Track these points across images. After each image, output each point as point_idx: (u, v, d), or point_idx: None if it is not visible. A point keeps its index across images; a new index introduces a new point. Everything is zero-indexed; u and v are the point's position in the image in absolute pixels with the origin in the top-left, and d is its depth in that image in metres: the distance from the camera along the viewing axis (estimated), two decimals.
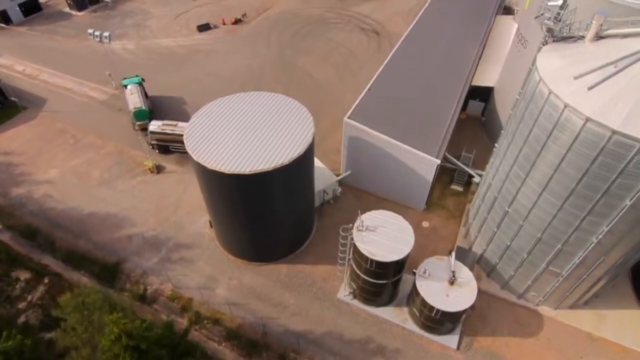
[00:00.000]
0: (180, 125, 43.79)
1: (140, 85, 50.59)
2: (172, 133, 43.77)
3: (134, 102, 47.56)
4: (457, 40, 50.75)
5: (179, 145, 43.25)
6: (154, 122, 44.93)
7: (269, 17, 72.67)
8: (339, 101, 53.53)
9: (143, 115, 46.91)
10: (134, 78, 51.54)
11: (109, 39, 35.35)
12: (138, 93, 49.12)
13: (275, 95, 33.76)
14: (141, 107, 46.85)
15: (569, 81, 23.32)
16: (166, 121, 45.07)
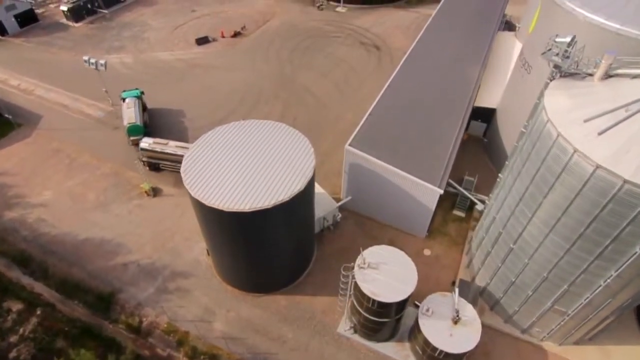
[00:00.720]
0: (170, 144, 43.45)
1: (139, 99, 50.10)
2: (161, 151, 43.42)
3: (128, 117, 47.08)
4: (458, 60, 50.13)
5: (169, 163, 43.79)
6: (145, 139, 44.45)
7: (269, 30, 71.97)
8: (340, 120, 52.91)
9: (137, 130, 46.29)
10: (134, 91, 51.09)
11: (104, 67, 34.43)
12: (135, 107, 48.58)
13: (275, 124, 33.01)
14: (135, 123, 46.21)
15: (579, 124, 22.69)
16: (157, 139, 44.59)
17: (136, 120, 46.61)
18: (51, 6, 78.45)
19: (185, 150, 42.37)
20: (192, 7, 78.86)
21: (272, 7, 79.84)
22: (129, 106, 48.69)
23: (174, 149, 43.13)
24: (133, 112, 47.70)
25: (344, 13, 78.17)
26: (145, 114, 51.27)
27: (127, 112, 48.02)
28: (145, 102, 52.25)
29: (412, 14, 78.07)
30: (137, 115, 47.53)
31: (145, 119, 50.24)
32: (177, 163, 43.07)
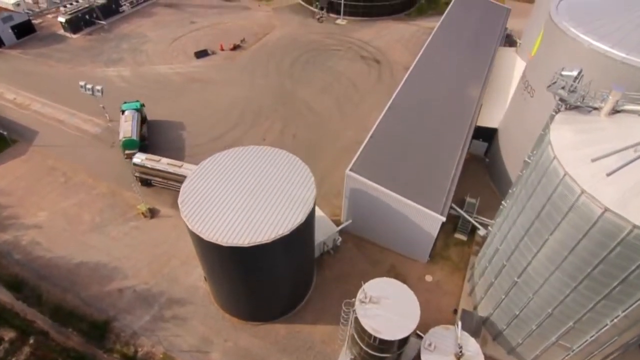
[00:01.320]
0: (162, 162, 43.32)
1: (138, 111, 49.92)
2: (152, 168, 43.24)
3: (125, 131, 46.90)
4: (460, 79, 49.79)
5: (160, 180, 43.82)
6: (138, 155, 44.30)
7: (268, 43, 71.48)
8: (340, 137, 52.38)
9: (132, 144, 46.30)
10: (134, 103, 50.95)
11: (101, 93, 33.77)
12: (133, 121, 48.26)
13: (274, 151, 32.47)
14: (130, 137, 46.04)
15: (586, 163, 22.19)
16: (150, 155, 44.38)
17: (132, 135, 46.41)
18: (49, 16, 77.67)
19: (177, 168, 42.72)
20: (191, 19, 78.29)
21: (272, 19, 79.41)
22: (126, 119, 48.41)
23: (165, 167, 43.10)
24: (130, 126, 47.37)
25: (344, 26, 77.81)
26: (145, 126, 51.19)
27: (124, 126, 47.82)
28: (145, 114, 52.21)
29: (412, 27, 77.78)
30: (134, 129, 47.23)
31: (144, 132, 50.10)
32: (168, 180, 43.44)
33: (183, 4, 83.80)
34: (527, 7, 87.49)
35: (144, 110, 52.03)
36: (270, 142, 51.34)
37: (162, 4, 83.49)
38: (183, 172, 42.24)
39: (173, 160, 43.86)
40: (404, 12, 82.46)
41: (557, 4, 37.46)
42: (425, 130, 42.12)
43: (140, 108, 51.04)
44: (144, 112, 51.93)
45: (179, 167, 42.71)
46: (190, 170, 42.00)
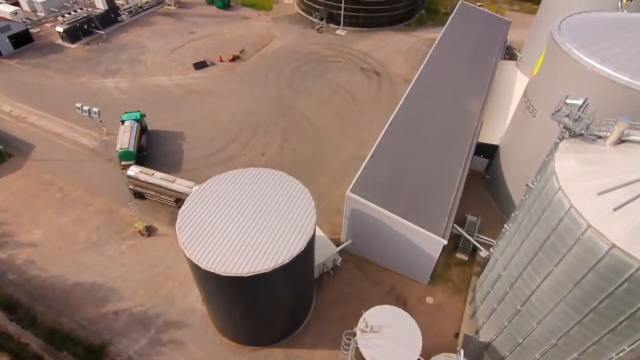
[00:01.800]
0: (156, 176, 43.31)
1: (138, 122, 49.96)
2: (145, 181, 43.16)
3: (122, 142, 46.90)
4: (461, 95, 49.45)
5: (153, 194, 43.82)
6: (133, 168, 44.28)
7: (268, 54, 71.13)
8: (340, 152, 51.96)
9: (128, 156, 46.22)
10: (134, 114, 51.01)
11: (98, 115, 33.38)
12: (132, 132, 48.16)
13: (274, 173, 31.99)
14: (127, 149, 45.99)
15: (593, 196, 21.77)
16: (144, 169, 44.40)
17: (129, 147, 46.37)
18: (47, 25, 77.15)
19: (169, 183, 42.68)
20: (190, 29, 77.92)
21: (272, 29, 79.11)
22: (125, 130, 48.42)
23: (159, 181, 43.01)
24: (128, 138, 47.34)
25: (344, 37, 77.56)
26: (145, 136, 51.32)
27: (122, 137, 47.83)
28: (146, 125, 52.36)
29: (412, 39, 77.57)
30: (132, 140, 47.13)
31: (143, 143, 50.06)
32: (161, 194, 43.48)
33: (182, 14, 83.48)
34: (527, 18, 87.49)
35: (144, 121, 52.20)
36: (269, 157, 50.93)
37: (161, 14, 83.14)
38: (176, 187, 42.27)
39: (166, 175, 43.73)
40: (404, 23, 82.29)
41: (559, 23, 37.26)
42: (426, 149, 41.70)
43: (141, 119, 51.16)
44: (144, 123, 52.06)
45: (172, 183, 42.64)
46: (183, 186, 42.12)
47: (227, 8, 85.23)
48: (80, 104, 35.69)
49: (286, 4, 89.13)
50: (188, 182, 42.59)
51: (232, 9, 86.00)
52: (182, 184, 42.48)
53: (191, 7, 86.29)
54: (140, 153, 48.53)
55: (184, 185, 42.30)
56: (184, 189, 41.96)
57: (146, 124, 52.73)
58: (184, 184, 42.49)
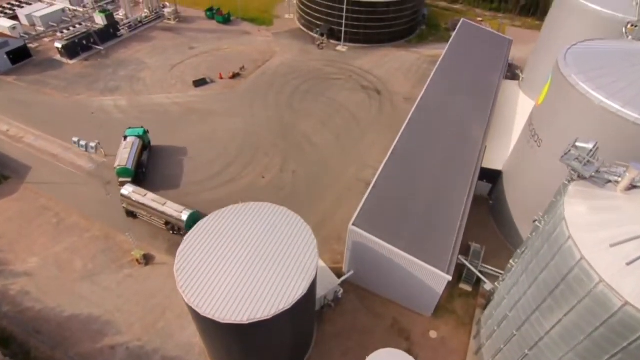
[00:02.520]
0: (148, 197, 43.27)
1: (140, 138, 50.26)
2: (137, 202, 43.25)
3: (121, 159, 47.14)
4: (463, 120, 48.92)
5: (145, 214, 43.68)
6: (126, 187, 44.36)
7: (268, 71, 70.57)
8: (341, 175, 51.28)
9: (126, 173, 46.58)
10: (138, 129, 51.28)
11: (94, 150, 32.74)
12: (132, 148, 48.32)
13: (275, 208, 31.17)
14: (124, 166, 46.23)
15: (604, 248, 21.13)
16: (137, 188, 44.24)
17: (127, 164, 46.48)
18: (45, 40, 76.50)
19: (159, 205, 42.54)
20: (190, 44, 77.38)
21: (272, 45, 78.65)
22: (125, 147, 48.71)
23: (150, 202, 42.84)
24: (127, 154, 47.53)
25: (344, 53, 77.14)
26: (147, 152, 51.51)
27: (121, 153, 48.07)
28: (149, 140, 52.70)
29: (412, 55, 77.20)
30: (131, 157, 47.18)
31: (143, 160, 50.11)
32: (152, 216, 43.23)
33: (182, 29, 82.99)
34: (528, 33, 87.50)
35: (147, 137, 52.34)
36: (269, 180, 50.25)
37: (160, 28, 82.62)
38: (165, 210, 42.17)
39: (158, 197, 43.48)
40: (405, 39, 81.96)
41: (565, 52, 36.80)
42: (429, 177, 41.08)
43: (143, 135, 51.20)
44: (147, 139, 52.25)
45: (162, 205, 42.43)
46: (172, 209, 42.07)
47: (227, 23, 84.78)
48: (77, 138, 35.07)
49: (286, 18, 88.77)
50: (177, 206, 42.24)
51: (232, 24, 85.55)
52: (172, 207, 42.21)
53: (191, 21, 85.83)
54: (139, 170, 48.35)
55: (173, 208, 42.04)
56: (172, 212, 41.82)
57: (149, 140, 52.87)
58: (173, 207, 42.19)
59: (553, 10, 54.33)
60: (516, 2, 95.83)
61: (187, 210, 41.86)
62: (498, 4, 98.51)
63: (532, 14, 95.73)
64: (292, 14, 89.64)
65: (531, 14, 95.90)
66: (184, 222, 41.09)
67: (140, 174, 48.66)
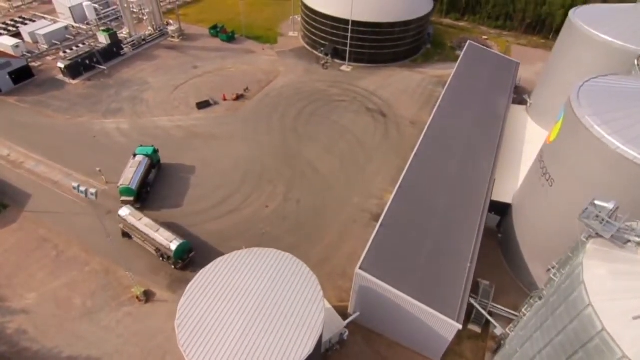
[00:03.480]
0: (143, 221, 43.24)
1: (149, 157, 50.82)
2: (132, 225, 43.40)
3: (125, 178, 47.62)
4: (472, 151, 47.97)
5: (139, 237, 43.76)
6: (124, 209, 44.69)
7: (272, 93, 69.86)
8: (345, 205, 50.30)
9: (128, 193, 47.16)
10: (148, 148, 51.96)
11: (95, 196, 32.23)
12: (139, 167, 48.96)
13: (280, 255, 30.26)
14: (127, 186, 46.74)
15: (626, 320, 20.06)
16: (134, 211, 44.50)
17: (130, 183, 46.90)
18: (48, 58, 76.16)
19: (152, 232, 42.25)
20: (193, 63, 76.84)
21: (276, 64, 78.05)
22: (132, 165, 49.25)
23: (143, 227, 42.76)
24: (131, 174, 47.91)
25: (349, 73, 76.47)
26: (154, 171, 52.12)
27: (127, 171, 48.59)
28: (158, 159, 53.22)
29: (418, 75, 76.47)
30: (136, 176, 47.75)
31: (149, 179, 50.75)
32: (144, 240, 43.09)
33: (185, 47, 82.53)
34: (534, 52, 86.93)
35: (157, 156, 52.79)
36: (273, 209, 49.31)
37: (164, 46, 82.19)
38: (156, 237, 41.80)
39: (152, 222, 43.24)
40: (410, 59, 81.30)
41: (578, 90, 35.85)
42: (438, 215, 40.07)
43: (152, 154, 51.55)
44: (157, 157, 52.78)
45: (154, 232, 42.20)
46: (163, 237, 41.76)
47: (231, 41, 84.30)
48: (77, 184, 34.14)
49: (291, 36, 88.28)
50: (169, 235, 42.02)
51: (236, 42, 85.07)
52: (163, 235, 42.01)
53: (195, 39, 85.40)
54: (143, 189, 48.79)
55: (164, 236, 41.77)
56: (163, 240, 41.37)
57: (159, 159, 53.25)
58: (164, 235, 41.95)
59: (563, 36, 53.47)
60: (521, 20, 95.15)
61: (177, 240, 41.46)
62: (503, 21, 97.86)
63: (538, 32, 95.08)
64: (297, 31, 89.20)
65: (537, 32, 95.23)
66: (173, 252, 40.58)
67: (143, 194, 48.94)
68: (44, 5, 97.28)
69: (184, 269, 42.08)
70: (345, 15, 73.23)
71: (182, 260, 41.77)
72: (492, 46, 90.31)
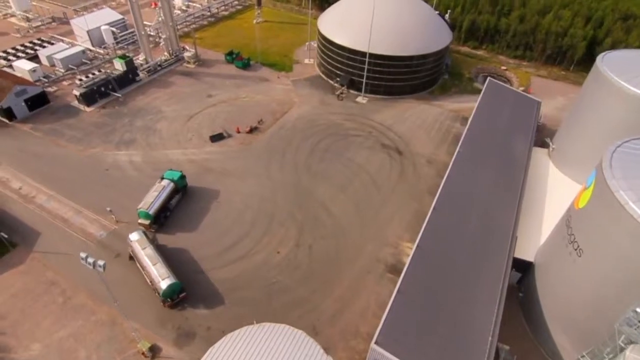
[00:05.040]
0: (146, 251, 43.83)
1: (174, 183, 52.40)
2: (134, 251, 44.85)
3: (145, 201, 49.27)
4: (493, 205, 46.14)
5: (139, 265, 44.39)
6: (135, 233, 45.92)
7: (286, 125, 68.76)
8: (359, 253, 48.73)
9: (145, 216, 48.80)
10: (176, 173, 53.64)
11: (103, 268, 31.36)
12: (162, 192, 50.60)
13: (291, 333, 28.83)
14: (146, 210, 48.32)
15: None
16: (142, 238, 45.40)
17: (149, 208, 48.50)
18: (64, 83, 76.35)
19: (149, 264, 42.68)
20: (208, 91, 76.30)
21: (291, 94, 77.13)
22: (155, 189, 51.02)
23: (143, 257, 43.54)
24: (152, 198, 49.57)
25: (364, 105, 75.21)
26: (178, 196, 53.44)
27: (149, 195, 50.23)
28: (185, 184, 54.63)
29: (435, 109, 74.87)
30: (156, 202, 49.35)
31: (171, 204, 51.96)
32: (143, 269, 43.67)
33: (201, 73, 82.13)
34: (555, 85, 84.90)
35: (183, 181, 54.22)
36: (284, 255, 47.96)
37: (179, 72, 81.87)
38: (151, 271, 42.39)
39: (154, 254, 43.79)
40: (427, 90, 79.83)
41: (610, 156, 33.97)
42: (458, 280, 38.32)
43: (178, 180, 53.06)
44: (182, 183, 54.09)
45: (152, 265, 42.73)
46: (157, 273, 42.00)
47: (246, 68, 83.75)
48: (85, 254, 33.18)
49: (306, 63, 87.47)
50: (164, 271, 42.05)
51: (251, 68, 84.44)
52: (159, 270, 42.20)
53: (210, 65, 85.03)
54: (161, 213, 50.24)
55: (158, 272, 42.03)
56: (155, 276, 41.93)
57: (185, 184, 54.65)
58: (160, 271, 42.15)
59: (589, 83, 51.44)
60: (541, 50, 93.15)
61: (169, 279, 41.46)
62: (522, 51, 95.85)
63: (558, 62, 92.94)
64: (312, 58, 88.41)
65: (557, 62, 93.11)
66: (161, 290, 41.04)
67: (161, 218, 50.39)
68: (63, 25, 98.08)
69: (172, 307, 42.12)
70: (362, 48, 72.19)
71: (170, 299, 41.91)
72: (511, 78, 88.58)
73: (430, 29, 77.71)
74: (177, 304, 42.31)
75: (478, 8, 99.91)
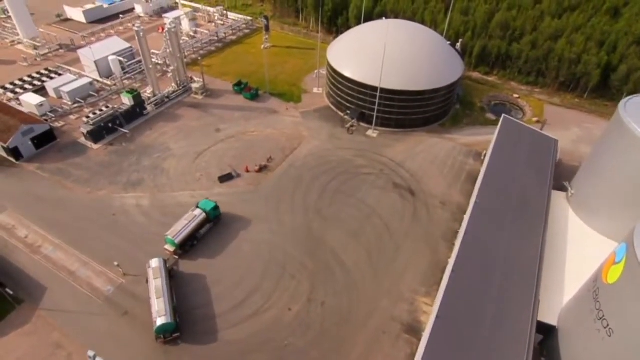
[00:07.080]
0: (157, 281, 45.45)
1: (206, 212, 54.02)
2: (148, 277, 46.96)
3: (173, 230, 51.26)
4: (514, 264, 44.42)
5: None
6: (155, 260, 48.01)
7: (296, 163, 67.37)
8: (374, 309, 47.18)
9: (171, 244, 51.00)
10: (210, 203, 55.26)
11: None
12: (191, 221, 52.27)
13: None
14: (172, 238, 50.26)
15: None
16: (157, 268, 47.00)
17: (176, 237, 50.48)
18: (72, 117, 75.65)
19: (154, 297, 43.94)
20: (216, 125, 75.18)
21: (300, 127, 75.79)
22: (187, 218, 53.02)
23: (152, 287, 45.20)
24: (181, 227, 51.67)
25: (375, 139, 73.75)
26: (209, 225, 55.01)
27: (179, 224, 52.16)
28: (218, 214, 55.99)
29: (447, 143, 73.22)
30: (183, 231, 51.15)
31: (200, 233, 53.68)
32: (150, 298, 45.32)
33: (209, 105, 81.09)
34: (569, 114, 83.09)
35: (216, 212, 55.59)
36: (296, 313, 46.50)
37: (187, 104, 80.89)
38: (153, 304, 43.75)
39: (162, 287, 45.10)
40: (438, 123, 78.26)
41: None
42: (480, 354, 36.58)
43: (210, 210, 54.47)
44: (215, 213, 55.44)
45: (156, 298, 44.04)
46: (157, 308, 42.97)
47: (254, 98, 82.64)
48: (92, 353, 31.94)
49: (315, 93, 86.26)
50: (162, 308, 43.03)
51: (259, 99, 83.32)
52: (159, 305, 43.38)
53: (218, 96, 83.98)
54: (188, 242, 52.01)
55: (158, 307, 43.22)
56: (154, 310, 43.22)
57: (219, 214, 56.11)
58: (160, 306, 43.27)
59: (611, 131, 49.58)
60: (554, 77, 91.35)
61: (165, 317, 42.47)
62: (535, 77, 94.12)
63: (572, 89, 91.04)
64: (321, 87, 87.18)
65: (570, 89, 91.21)
66: (155, 326, 42.27)
67: (187, 245, 52.03)
68: (70, 52, 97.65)
69: (164, 344, 42.94)
70: (373, 82, 70.84)
71: (163, 337, 42.86)
72: (524, 107, 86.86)
73: (442, 62, 76.20)
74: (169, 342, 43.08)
75: (489, 33, 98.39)
